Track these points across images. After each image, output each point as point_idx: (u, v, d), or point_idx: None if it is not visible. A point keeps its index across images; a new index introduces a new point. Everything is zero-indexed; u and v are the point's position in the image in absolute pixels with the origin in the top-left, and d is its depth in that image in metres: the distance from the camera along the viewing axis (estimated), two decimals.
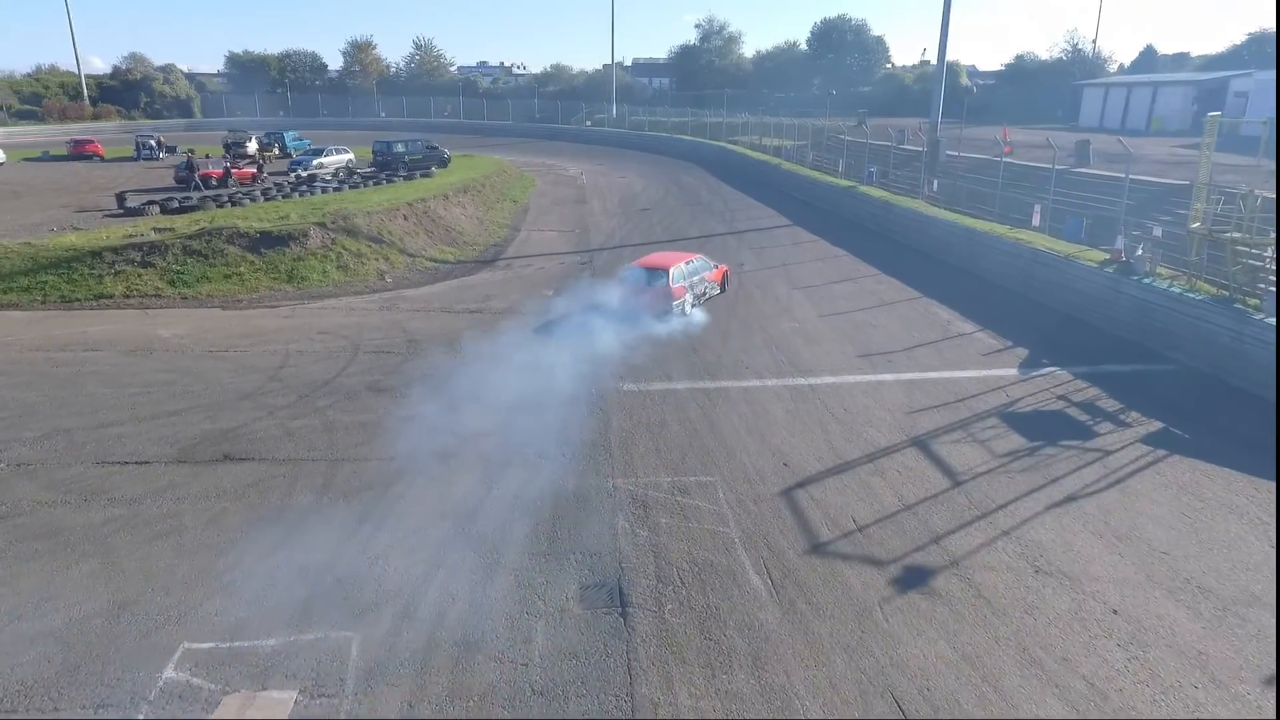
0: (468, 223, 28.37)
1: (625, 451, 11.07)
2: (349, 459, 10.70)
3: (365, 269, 20.79)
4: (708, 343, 15.97)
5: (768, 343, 16.00)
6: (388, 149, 42.50)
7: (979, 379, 13.89)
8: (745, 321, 17.57)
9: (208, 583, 7.98)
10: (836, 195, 33.60)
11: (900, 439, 11.51)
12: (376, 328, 16.61)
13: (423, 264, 22.47)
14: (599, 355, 15.04)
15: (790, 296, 19.74)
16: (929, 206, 26.92)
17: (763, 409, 12.59)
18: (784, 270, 22.75)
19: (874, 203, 29.59)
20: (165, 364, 14.12)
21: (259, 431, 11.45)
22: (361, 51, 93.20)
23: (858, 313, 18.23)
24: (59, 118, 75.39)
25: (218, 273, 19.07)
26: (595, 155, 57.48)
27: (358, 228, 22.21)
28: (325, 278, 19.81)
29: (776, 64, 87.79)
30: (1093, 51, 57.89)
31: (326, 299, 18.75)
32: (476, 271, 22.51)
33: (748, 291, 20.25)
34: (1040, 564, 8.41)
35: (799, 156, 45.16)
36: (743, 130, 59.09)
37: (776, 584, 8.11)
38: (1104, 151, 30.66)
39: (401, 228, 24.08)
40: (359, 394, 12.97)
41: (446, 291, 20.02)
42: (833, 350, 15.54)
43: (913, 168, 37.14)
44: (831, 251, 25.45)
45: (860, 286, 20.81)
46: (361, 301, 18.71)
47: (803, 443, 11.39)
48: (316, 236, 20.86)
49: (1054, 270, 18.44)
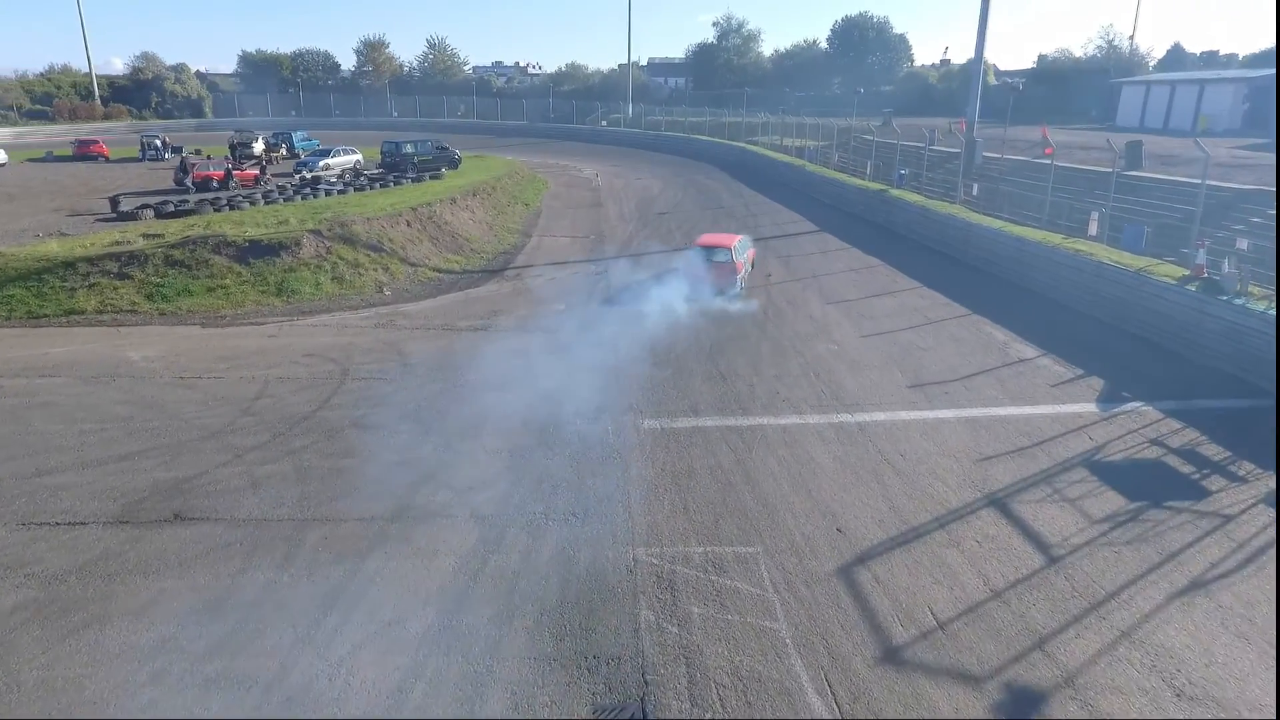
0: (476, 228, 26.76)
1: (647, 510, 9.35)
2: (321, 519, 9.04)
3: (362, 280, 19.19)
4: (737, 368, 14.22)
5: (805, 369, 14.22)
6: (396, 150, 41.11)
7: (1053, 416, 12.05)
8: (777, 343, 15.80)
9: (120, 703, 6.33)
10: (866, 199, 31.72)
11: (973, 496, 9.71)
12: (369, 349, 14.97)
13: (425, 274, 20.85)
14: (614, 382, 13.34)
15: (825, 313, 17.94)
16: (969, 212, 25.00)
17: (806, 454, 10.82)
18: (815, 282, 20.94)
19: (908, 208, 27.70)
20: (127, 394, 12.54)
21: (221, 481, 9.83)
22: (374, 51, 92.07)
23: (903, 333, 16.41)
24: (69, 118, 74.71)
25: (201, 285, 17.52)
26: (611, 156, 55.82)
27: (356, 235, 20.63)
28: (318, 290, 18.22)
29: (796, 63, 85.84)
30: (1129, 48, 55.57)
31: (318, 314, 17.14)
32: (483, 283, 20.86)
33: (778, 307, 18.47)
34: (1180, 684, 6.60)
35: (823, 158, 43.29)
36: (762, 130, 57.26)
37: (844, 709, 6.36)
38: (1156, 153, 28.59)
39: (404, 235, 22.49)
40: (341, 431, 11.33)
41: (449, 306, 18.38)
42: (880, 379, 13.74)
43: (946, 170, 35.24)
44: (865, 261, 23.61)
45: (901, 302, 18.97)
46: (355, 317, 17.09)
47: (857, 500, 9.62)
48: (310, 245, 19.29)
49: (1123, 287, 16.53)
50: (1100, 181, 26.63)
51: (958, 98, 74.27)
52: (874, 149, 36.55)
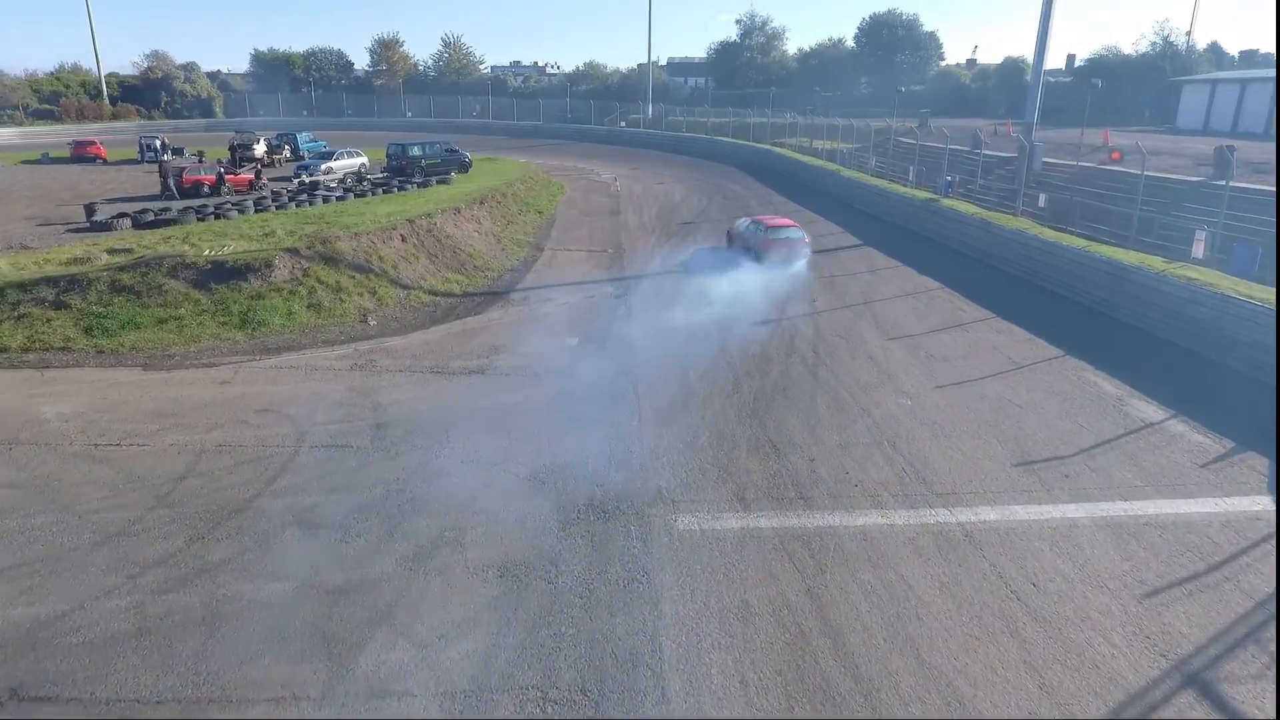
0: (481, 241, 24.07)
1: (689, 683, 6.54)
2: (220, 697, 6.31)
3: (344, 308, 16.51)
4: (789, 432, 11.36)
5: (876, 434, 11.34)
6: (402, 152, 38.57)
7: (1222, 518, 9.10)
8: (834, 393, 12.92)
9: None
10: (912, 210, 28.69)
11: (1157, 667, 6.79)
12: (338, 401, 12.26)
13: (419, 298, 18.15)
14: (637, 452, 10.55)
15: (887, 352, 15.03)
16: (1038, 227, 21.93)
17: (900, 580, 7.95)
18: (868, 310, 18.02)
19: (964, 221, 24.65)
20: (18, 471, 9.90)
21: (95, 624, 7.12)
22: (388, 49, 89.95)
23: (987, 382, 13.48)
24: (76, 118, 73.08)
25: (151, 316, 14.90)
26: (630, 158, 53.06)
27: (340, 253, 17.96)
28: (289, 321, 15.54)
29: (821, 62, 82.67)
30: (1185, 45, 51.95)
31: (285, 352, 14.46)
32: (486, 308, 18.12)
33: (828, 342, 15.58)
34: None
35: (857, 162, 40.27)
36: (789, 132, 54.29)
37: None
38: (1249, 160, 25.35)
39: (397, 251, 19.81)
40: (279, 535, 8.60)
41: (443, 339, 15.66)
42: (974, 451, 10.83)
43: (997, 176, 32.16)
44: (921, 283, 20.64)
45: (975, 338, 16.02)
46: (330, 356, 14.39)
47: (988, 670, 6.74)
48: (285, 267, 16.63)
49: (1260, 327, 13.47)
50: (1189, 193, 23.51)
51: (993, 98, 71.00)
52: (917, 153, 33.45)
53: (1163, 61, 49.49)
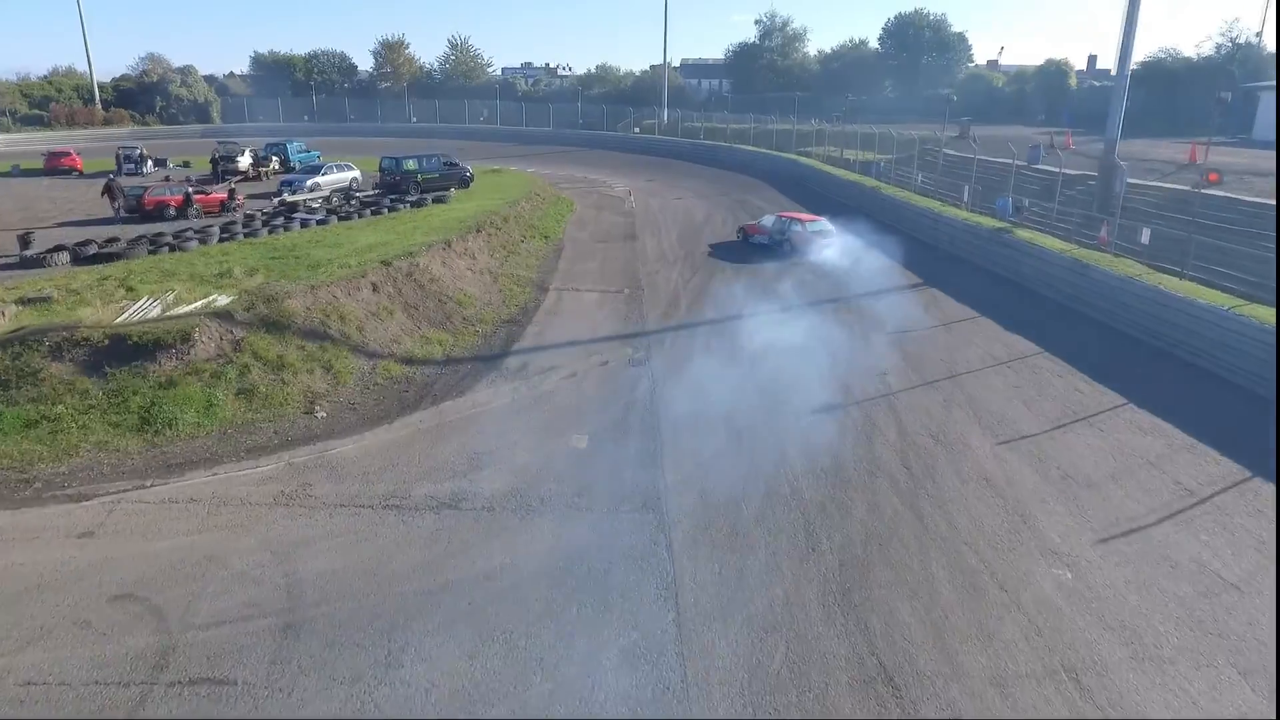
0: (475, 283, 20.28)
1: None
2: None
3: (285, 393, 12.72)
4: (904, 640, 7.45)
5: (1042, 652, 7.40)
6: (396, 167, 34.91)
7: None
8: (955, 555, 9.00)
9: None
10: (977, 241, 24.68)
11: None
12: (239, 575, 8.45)
13: (389, 371, 14.35)
14: (673, 689, 6.71)
15: (1006, 468, 11.09)
16: (1157, 274, 17.82)
17: None
18: (957, 389, 14.10)
19: (1049, 259, 20.61)
20: None
21: None
22: (393, 52, 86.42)
23: (1166, 529, 9.52)
24: (67, 123, 69.85)
25: (16, 417, 11.13)
26: (644, 168, 49.22)
27: (288, 316, 14.16)
28: (207, 419, 11.74)
29: (844, 64, 78.51)
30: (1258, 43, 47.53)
31: (192, 470, 10.67)
32: (472, 384, 14.28)
33: (920, 448, 11.68)
34: None
35: (897, 176, 36.23)
36: (815, 140, 50.25)
37: None
38: None
39: (365, 306, 16.03)
40: None
41: (410, 440, 11.83)
42: (1208, 688, 6.91)
43: (1065, 198, 27.76)
44: (1011, 344, 16.67)
45: (1113, 439, 12.04)
46: (250, 479, 10.57)
47: None
48: (209, 340, 12.83)
49: None
50: None
51: (1030, 103, 66.64)
52: (974, 168, 29.35)
53: (1230, 65, 45.20)
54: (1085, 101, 61.28)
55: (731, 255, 25.08)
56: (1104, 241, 21.54)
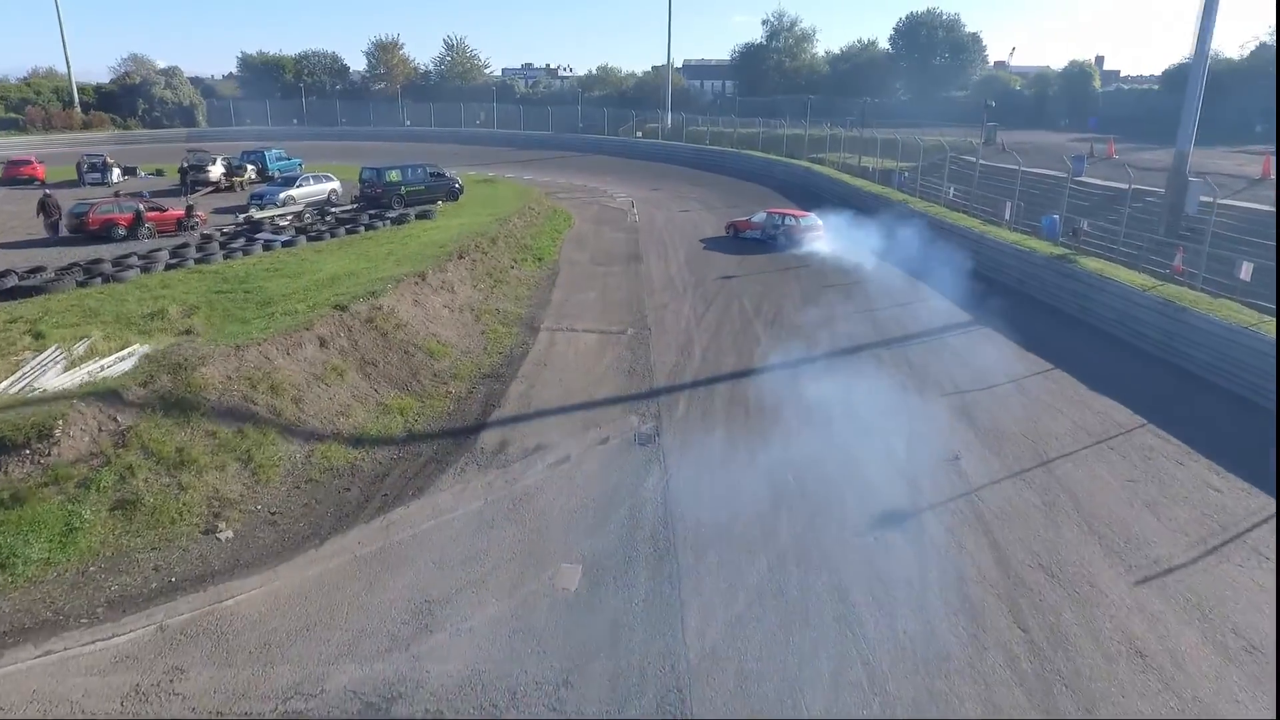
0: (452, 325, 17.19)
1: None
2: None
3: (182, 503, 9.60)
4: None
5: None
6: (378, 178, 31.91)
7: None
8: None
9: None
10: (1031, 269, 21.56)
11: None
12: None
13: (328, 459, 11.24)
14: None
15: (1161, 633, 7.99)
16: (1269, 320, 14.73)
17: None
18: (1055, 484, 10.99)
19: (1134, 299, 17.38)
20: None
21: None
22: (386, 52, 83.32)
23: None
24: (44, 127, 66.70)
25: None
26: (648, 175, 46.16)
27: (199, 390, 11.02)
28: (62, 552, 8.60)
29: (853, 65, 75.37)
30: None
31: (17, 646, 7.56)
32: (432, 479, 11.11)
33: (1033, 593, 8.55)
34: None
35: (925, 188, 33.08)
36: (828, 145, 47.14)
37: None
38: None
39: (308, 367, 12.92)
40: None
41: (336, 583, 8.69)
42: None
43: (1118, 215, 24.26)
44: (1105, 412, 13.54)
45: None
46: (98, 660, 7.41)
47: None
48: (80, 434, 9.68)
49: None
50: None
51: (1052, 107, 63.39)
52: (1019, 180, 26.15)
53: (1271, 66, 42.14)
54: (1112, 105, 58.15)
55: (750, 285, 21.98)
56: (1178, 270, 18.48)
